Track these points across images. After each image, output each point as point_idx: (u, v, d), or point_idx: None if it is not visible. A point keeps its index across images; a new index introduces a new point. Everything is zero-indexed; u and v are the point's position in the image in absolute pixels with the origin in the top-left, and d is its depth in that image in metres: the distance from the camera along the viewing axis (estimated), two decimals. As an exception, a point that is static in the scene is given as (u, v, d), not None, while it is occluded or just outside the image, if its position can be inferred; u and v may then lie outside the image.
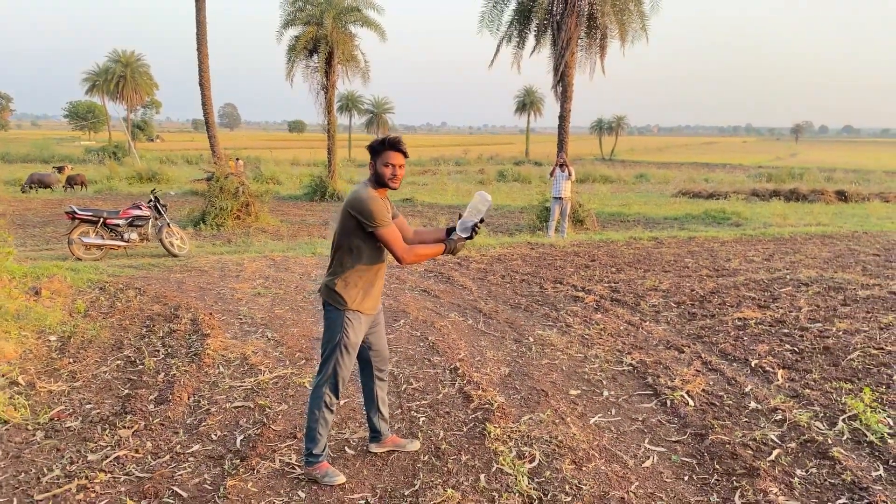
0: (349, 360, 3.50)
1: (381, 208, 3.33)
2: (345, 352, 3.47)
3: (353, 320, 3.47)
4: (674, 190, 28.93)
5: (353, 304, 3.45)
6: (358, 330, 3.50)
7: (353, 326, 3.47)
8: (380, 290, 3.61)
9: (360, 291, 3.46)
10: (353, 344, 3.50)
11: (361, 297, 3.47)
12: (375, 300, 3.57)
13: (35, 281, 7.99)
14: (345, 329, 3.46)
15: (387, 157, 3.37)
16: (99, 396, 4.74)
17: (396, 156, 3.38)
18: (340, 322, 3.46)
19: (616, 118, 77.94)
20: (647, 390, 4.82)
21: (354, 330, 3.48)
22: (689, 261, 10.17)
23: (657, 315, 7.00)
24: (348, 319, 3.46)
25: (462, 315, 6.96)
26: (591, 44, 17.41)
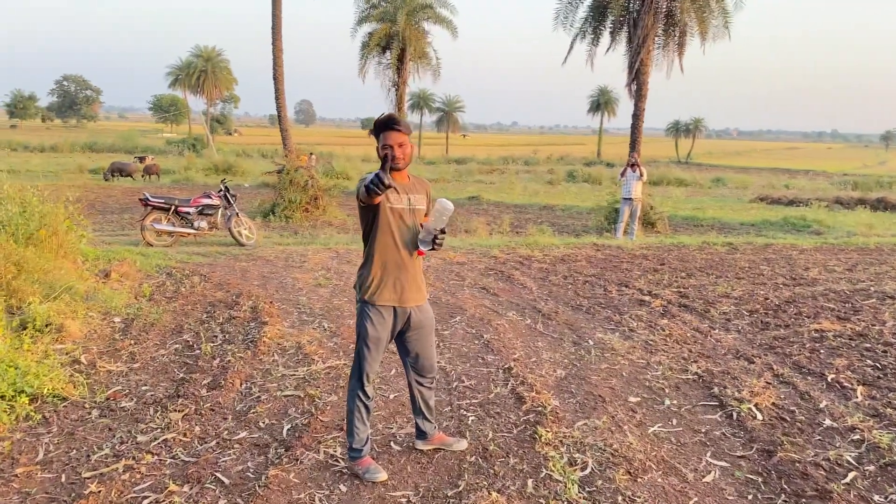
0: (372, 355, 3.35)
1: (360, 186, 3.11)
2: (364, 346, 3.34)
3: (370, 313, 3.32)
4: (752, 195, 27.84)
5: (365, 293, 3.31)
6: (378, 324, 3.31)
7: (371, 320, 3.31)
8: (406, 284, 3.34)
9: (373, 280, 3.30)
10: (374, 339, 3.32)
11: (376, 287, 3.30)
12: (397, 293, 3.32)
13: (106, 264, 8.24)
14: (361, 321, 3.34)
15: (383, 139, 3.19)
16: (155, 378, 4.80)
17: (391, 135, 3.18)
18: (358, 312, 3.38)
19: (694, 120, 75.81)
20: (712, 401, 4.55)
21: (373, 324, 3.31)
22: (765, 268, 9.70)
23: (727, 323, 6.65)
24: (364, 311, 3.34)
25: (520, 314, 6.78)
26: (669, 41, 16.91)
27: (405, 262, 3.33)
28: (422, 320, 3.47)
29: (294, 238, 12.65)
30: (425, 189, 3.46)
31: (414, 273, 3.40)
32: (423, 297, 3.48)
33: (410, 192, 3.34)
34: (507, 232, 13.99)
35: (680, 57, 17.23)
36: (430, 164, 48.17)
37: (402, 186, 3.30)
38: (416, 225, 3.33)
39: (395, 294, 3.33)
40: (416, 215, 3.35)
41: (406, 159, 3.25)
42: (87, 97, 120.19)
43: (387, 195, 3.20)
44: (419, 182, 3.46)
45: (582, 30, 17.54)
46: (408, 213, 3.31)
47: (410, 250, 3.33)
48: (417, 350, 3.51)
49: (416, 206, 3.36)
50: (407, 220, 3.30)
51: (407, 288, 3.36)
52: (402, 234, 3.29)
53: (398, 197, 3.27)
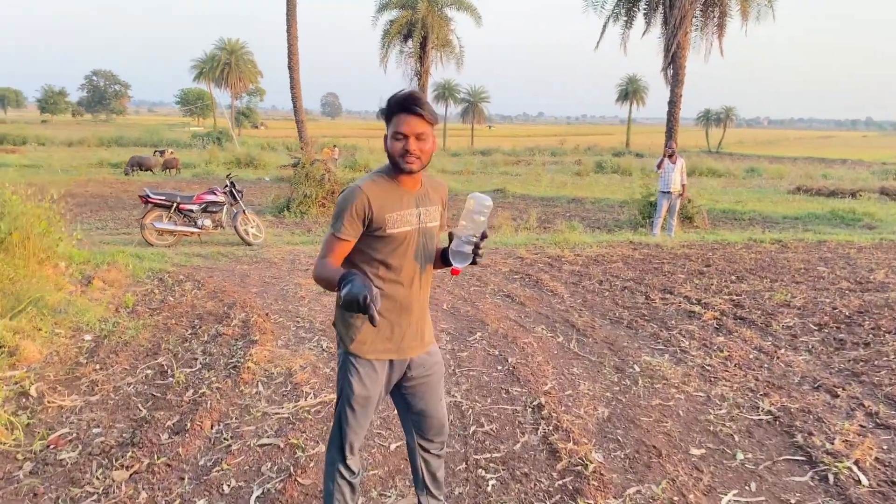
0: (358, 420, 2.47)
1: (344, 207, 2.27)
2: (347, 408, 2.45)
3: (358, 367, 2.42)
4: (789, 186, 26.49)
5: (352, 344, 2.41)
6: (367, 380, 2.42)
7: (359, 375, 2.41)
8: (409, 330, 2.45)
9: (363, 327, 2.39)
10: (362, 398, 2.43)
11: (366, 336, 2.39)
12: (395, 343, 2.43)
13: (93, 269, 7.50)
14: (344, 375, 2.44)
15: (396, 124, 2.26)
16: (112, 417, 3.98)
17: (410, 120, 2.24)
18: (340, 364, 2.48)
19: (725, 109, 73.77)
20: (797, 454, 3.60)
21: (360, 380, 2.41)
22: (823, 269, 8.65)
23: (794, 340, 5.67)
24: (350, 365, 2.43)
25: (550, 330, 5.87)
26: (708, 23, 15.78)
27: (409, 302, 2.42)
28: (427, 367, 2.56)
29: (306, 236, 11.85)
30: (440, 196, 2.52)
31: (420, 313, 2.49)
32: (429, 340, 2.58)
33: (422, 205, 2.39)
34: (535, 228, 13.04)
35: (719, 39, 16.09)
36: (455, 155, 47.21)
37: (411, 197, 2.36)
38: (429, 247, 2.44)
39: (391, 344, 2.44)
40: (428, 235, 2.43)
41: (424, 158, 2.30)
42: (115, 92, 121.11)
43: (384, 217, 2.30)
44: (434, 186, 2.50)
45: (614, 12, 16.48)
46: (416, 234, 2.38)
47: (419, 282, 2.43)
48: (421, 406, 2.60)
49: (429, 224, 2.43)
50: (415, 244, 2.39)
51: (409, 334, 2.46)
52: (408, 264, 2.38)
53: (400, 216, 2.33)
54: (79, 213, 14.31)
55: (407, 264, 2.37)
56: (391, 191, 2.32)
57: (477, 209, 2.29)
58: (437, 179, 2.54)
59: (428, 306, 2.56)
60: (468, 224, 2.31)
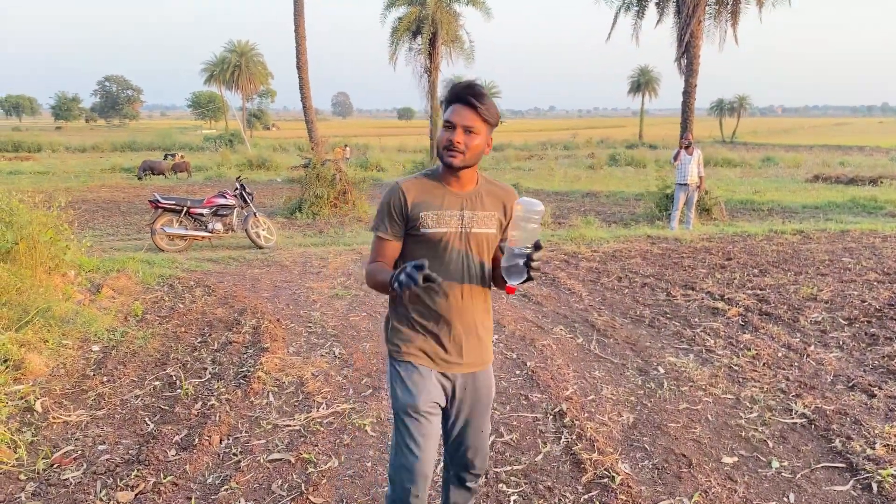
0: (411, 435, 2.16)
1: (383, 206, 2.17)
2: (400, 421, 2.20)
3: (403, 373, 2.21)
4: (807, 174, 26.08)
5: (400, 348, 2.24)
6: (414, 388, 2.18)
7: (405, 383, 2.20)
8: (452, 345, 2.22)
9: (410, 330, 2.22)
10: (408, 406, 2.17)
11: (409, 338, 2.22)
12: (448, 352, 2.21)
13: (103, 276, 7.40)
14: (393, 384, 2.24)
15: (449, 114, 2.10)
16: (118, 432, 3.85)
17: (460, 111, 2.08)
18: (389, 375, 2.29)
19: (738, 98, 72.96)
20: (836, 460, 3.40)
21: (405, 384, 2.19)
22: (849, 260, 8.39)
23: (824, 336, 5.45)
24: (394, 371, 2.25)
25: (570, 330, 5.69)
26: (721, 10, 15.48)
27: (448, 313, 2.20)
28: (475, 392, 2.30)
29: (318, 238, 11.72)
30: (503, 201, 2.25)
31: (465, 328, 2.24)
32: (476, 362, 2.29)
33: (469, 207, 2.18)
34: (550, 224, 12.84)
35: (734, 27, 15.76)
36: (466, 152, 46.92)
37: (456, 198, 2.18)
38: (477, 255, 2.20)
39: (430, 349, 2.23)
40: (477, 242, 2.20)
41: (469, 155, 2.10)
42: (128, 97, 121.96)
43: (418, 214, 2.15)
44: (494, 192, 2.25)
45: (626, 3, 16.21)
46: (456, 238, 2.17)
47: (462, 293, 2.20)
48: (457, 433, 2.34)
49: (477, 230, 2.19)
50: (456, 250, 2.17)
51: (451, 348, 2.23)
52: (446, 271, 2.15)
53: (437, 215, 2.14)
54: (90, 219, 14.27)
55: (445, 271, 2.15)
56: (432, 189, 2.18)
57: (526, 216, 2.02)
58: (504, 186, 2.30)
59: (482, 325, 2.29)
60: (518, 234, 2.03)
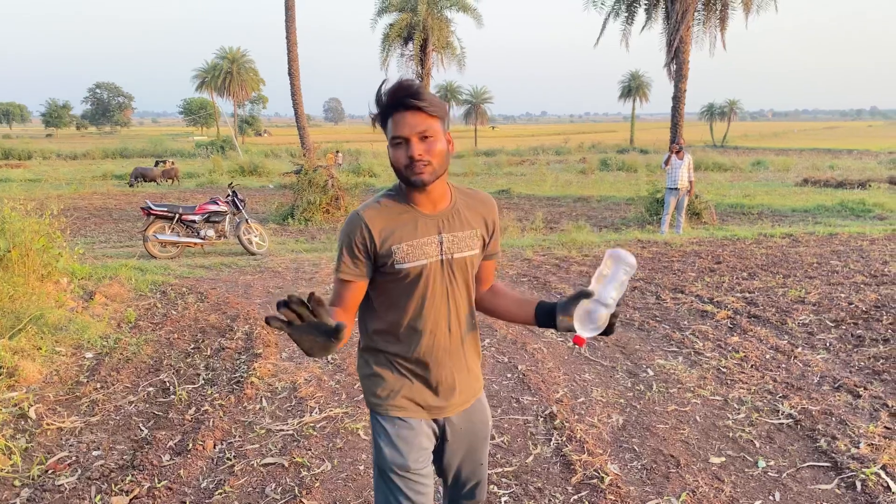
0: (405, 494, 1.86)
1: (345, 241, 1.82)
2: (388, 481, 1.88)
3: (390, 430, 1.89)
4: (796, 178, 26.29)
5: (383, 401, 1.91)
6: (404, 446, 1.87)
7: (390, 438, 1.88)
8: (443, 387, 1.92)
9: (393, 375, 1.90)
10: (399, 466, 1.86)
11: (398, 388, 1.90)
12: (439, 396, 1.93)
13: (95, 284, 7.41)
14: (377, 440, 1.91)
15: (393, 127, 1.73)
16: (113, 438, 3.88)
17: (408, 118, 1.71)
18: (373, 430, 1.95)
19: (729, 102, 73.41)
20: (822, 459, 3.46)
21: (393, 444, 1.87)
22: (836, 263, 8.48)
23: (811, 338, 5.53)
24: (379, 426, 1.91)
25: (560, 333, 5.75)
26: (710, 16, 15.62)
27: (434, 352, 1.89)
28: (470, 428, 2.03)
29: (310, 244, 11.75)
30: (483, 215, 1.95)
31: (455, 364, 1.95)
32: (469, 396, 2.01)
33: (447, 230, 1.85)
34: (541, 228, 12.91)
35: (722, 32, 15.92)
36: (459, 157, 47.08)
37: (430, 221, 1.84)
38: (461, 283, 1.90)
39: (427, 400, 1.93)
40: (461, 268, 1.89)
41: (436, 163, 1.76)
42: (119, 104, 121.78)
43: (390, 249, 1.80)
44: (472, 204, 1.94)
45: (615, 8, 16.33)
46: (437, 268, 1.85)
47: (448, 327, 1.90)
48: (460, 468, 2.07)
49: (459, 254, 1.88)
50: (440, 280, 1.86)
51: (445, 391, 1.94)
52: (429, 306, 1.86)
53: (412, 247, 1.81)
54: (82, 227, 14.26)
55: (430, 307, 1.85)
56: (400, 215, 1.82)
57: (619, 266, 1.78)
58: (481, 195, 1.99)
59: (471, 355, 2.00)
60: (606, 285, 1.76)
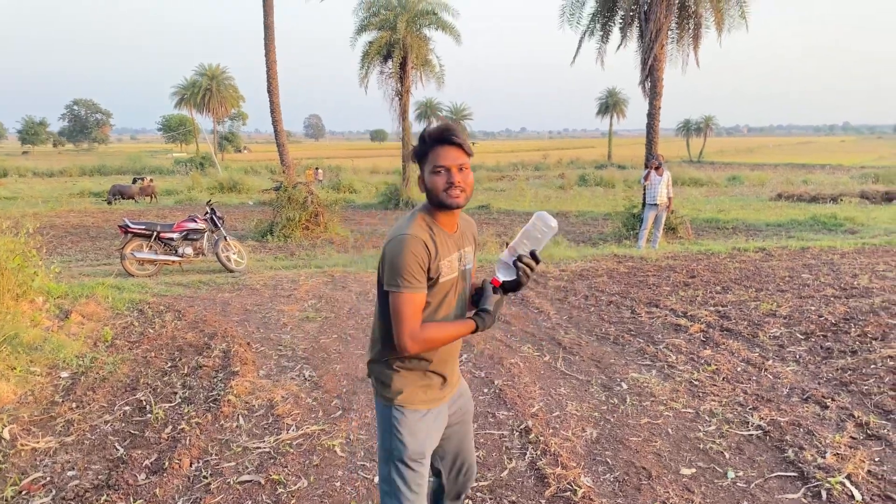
0: (416, 479, 2.20)
1: (414, 261, 2.06)
2: (405, 468, 2.19)
3: (411, 419, 2.20)
4: (771, 193, 26.73)
5: (404, 395, 2.21)
6: (420, 433, 2.21)
7: (412, 429, 2.20)
8: (455, 367, 2.36)
9: (409, 375, 2.22)
10: (417, 454, 2.19)
11: (414, 384, 2.22)
12: (447, 384, 2.31)
13: (71, 303, 7.36)
14: (397, 433, 2.19)
15: (435, 158, 2.11)
16: (88, 458, 3.87)
17: (449, 152, 2.10)
18: (390, 422, 2.22)
19: (704, 118, 74.45)
20: (789, 469, 3.54)
21: (414, 434, 2.20)
22: (808, 276, 8.65)
23: (781, 350, 5.64)
24: (401, 419, 2.20)
25: (537, 348, 5.81)
26: (683, 34, 15.89)
27: (452, 347, 2.31)
28: (460, 406, 2.42)
29: (289, 260, 11.74)
30: (473, 233, 2.39)
31: (458, 350, 2.40)
32: (459, 376, 2.48)
33: (461, 246, 2.25)
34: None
35: (695, 50, 16.17)
36: (438, 173, 47.17)
37: (452, 239, 2.21)
38: (467, 289, 2.32)
39: (441, 392, 2.30)
40: (467, 277, 2.32)
41: (468, 191, 2.15)
42: (97, 120, 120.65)
43: (439, 265, 2.15)
44: (466, 225, 2.36)
45: (590, 27, 16.53)
46: (458, 279, 2.25)
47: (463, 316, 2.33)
48: (454, 449, 2.43)
49: (467, 266, 2.30)
50: (458, 289, 2.26)
51: (452, 379, 2.35)
52: (450, 311, 2.23)
53: (449, 262, 2.18)
54: (59, 245, 14.14)
55: (449, 311, 2.23)
56: (438, 234, 2.15)
57: (536, 225, 2.20)
58: (468, 218, 2.40)
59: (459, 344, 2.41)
60: (525, 239, 2.21)
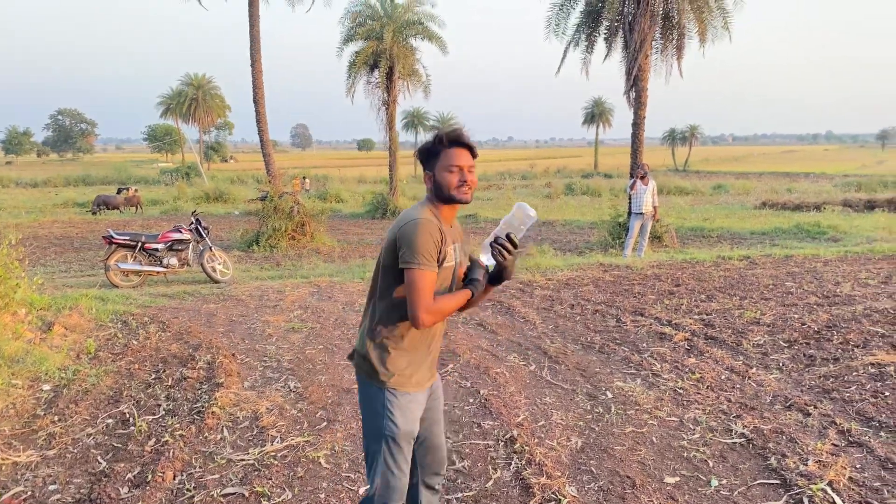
0: (403, 458, 2.42)
1: (429, 240, 2.26)
2: (395, 446, 2.39)
3: (402, 400, 2.40)
4: (756, 201, 26.99)
5: (397, 378, 2.39)
6: (409, 413, 2.42)
7: (403, 409, 2.39)
8: (434, 357, 2.55)
9: (407, 359, 2.41)
10: (406, 434, 2.41)
11: (410, 368, 2.42)
12: (430, 370, 2.53)
13: (54, 314, 7.29)
14: (389, 414, 2.38)
15: (450, 158, 2.35)
16: (70, 472, 3.83)
17: (462, 153, 2.36)
18: (382, 404, 2.40)
19: (690, 128, 75.08)
20: (772, 477, 3.57)
21: (404, 414, 2.40)
22: (791, 284, 8.73)
23: (765, 358, 5.68)
24: (393, 400, 2.39)
25: (523, 358, 5.82)
26: (667, 45, 16.04)
27: (442, 329, 2.58)
28: (434, 392, 2.63)
29: (275, 271, 11.71)
30: (461, 233, 2.63)
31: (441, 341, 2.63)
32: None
33: (456, 240, 2.50)
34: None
35: (679, 61, 16.32)
36: (425, 182, 47.24)
37: (450, 231, 2.43)
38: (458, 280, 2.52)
39: (430, 372, 2.55)
40: (457, 272, 2.52)
41: (474, 187, 2.42)
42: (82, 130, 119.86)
43: (447, 249, 2.37)
44: (457, 225, 2.59)
45: (575, 37, 16.65)
46: (455, 268, 2.49)
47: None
48: (428, 435, 2.60)
49: (462, 259, 2.55)
50: (454, 278, 2.49)
51: (436, 361, 2.61)
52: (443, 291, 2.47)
53: (452, 249, 2.43)
54: (42, 256, 14.03)
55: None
56: (443, 224, 2.37)
57: (517, 214, 2.39)
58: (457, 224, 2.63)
59: None
60: (507, 226, 2.41)
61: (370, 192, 31.75)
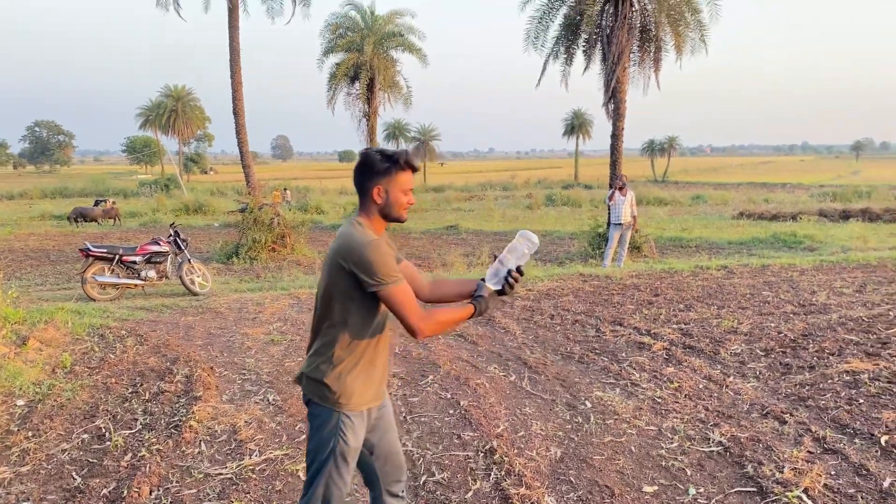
0: (347, 473, 2.41)
1: (388, 257, 2.28)
2: (342, 462, 2.38)
3: (355, 421, 2.40)
4: (733, 212, 27.32)
5: (351, 399, 2.38)
6: (359, 431, 2.43)
7: (354, 429, 2.40)
8: (385, 371, 2.55)
9: (359, 380, 2.40)
10: (353, 450, 2.42)
11: (363, 387, 2.41)
12: (380, 385, 2.52)
13: (29, 328, 7.19)
14: (341, 434, 2.37)
15: (407, 181, 2.40)
16: (44, 489, 3.77)
17: (411, 178, 2.43)
18: (335, 425, 2.37)
19: (668, 139, 75.91)
20: (749, 485, 3.60)
21: (355, 432, 2.40)
22: (768, 294, 8.83)
23: (742, 367, 5.74)
24: (346, 420, 2.38)
25: (503, 368, 5.83)
26: (645, 57, 16.25)
27: (387, 343, 2.57)
28: (384, 401, 2.64)
29: (255, 283, 11.64)
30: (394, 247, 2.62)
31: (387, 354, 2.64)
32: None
33: (395, 251, 2.55)
34: (487, 264, 13.06)
35: (656, 73, 16.55)
36: (407, 194, 47.24)
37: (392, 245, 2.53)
38: None
39: (380, 387, 2.54)
40: None
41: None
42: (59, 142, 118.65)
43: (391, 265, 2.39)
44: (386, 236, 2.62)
45: (554, 50, 16.82)
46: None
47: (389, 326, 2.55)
48: (384, 444, 2.60)
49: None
50: None
51: (385, 375, 2.59)
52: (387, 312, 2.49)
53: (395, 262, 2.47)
54: (17, 269, 13.84)
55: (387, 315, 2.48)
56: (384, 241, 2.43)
57: (525, 242, 2.49)
58: None
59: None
60: (511, 256, 2.49)
61: (351, 203, 31.73)
